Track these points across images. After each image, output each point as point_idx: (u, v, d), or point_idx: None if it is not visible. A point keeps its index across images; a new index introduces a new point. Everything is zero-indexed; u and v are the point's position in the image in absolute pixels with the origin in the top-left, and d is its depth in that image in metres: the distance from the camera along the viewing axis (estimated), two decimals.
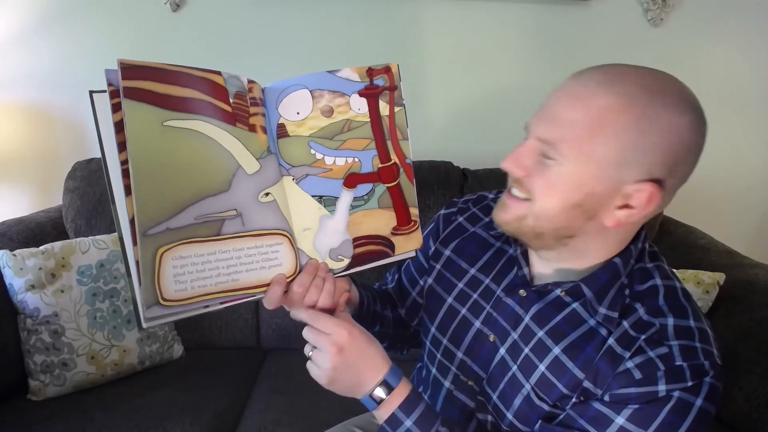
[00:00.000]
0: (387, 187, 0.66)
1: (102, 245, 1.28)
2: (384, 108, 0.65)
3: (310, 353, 0.63)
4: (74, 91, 1.64)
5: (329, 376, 0.61)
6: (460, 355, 0.74)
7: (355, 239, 0.65)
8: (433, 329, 0.78)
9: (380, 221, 0.66)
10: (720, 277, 1.23)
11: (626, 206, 0.59)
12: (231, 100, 0.57)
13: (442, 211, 0.84)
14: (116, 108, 0.50)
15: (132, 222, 0.50)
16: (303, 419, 1.14)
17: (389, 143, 0.66)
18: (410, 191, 0.67)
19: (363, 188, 0.65)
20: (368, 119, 0.64)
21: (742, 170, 1.79)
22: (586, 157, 0.57)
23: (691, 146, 0.57)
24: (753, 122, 1.75)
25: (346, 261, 0.65)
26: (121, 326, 1.25)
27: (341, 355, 0.61)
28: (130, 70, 0.50)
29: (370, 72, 0.64)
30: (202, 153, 0.55)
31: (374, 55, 1.67)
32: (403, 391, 0.64)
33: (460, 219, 0.81)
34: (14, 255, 1.17)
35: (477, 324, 0.73)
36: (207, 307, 0.56)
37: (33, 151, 1.69)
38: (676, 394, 0.56)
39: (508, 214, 0.64)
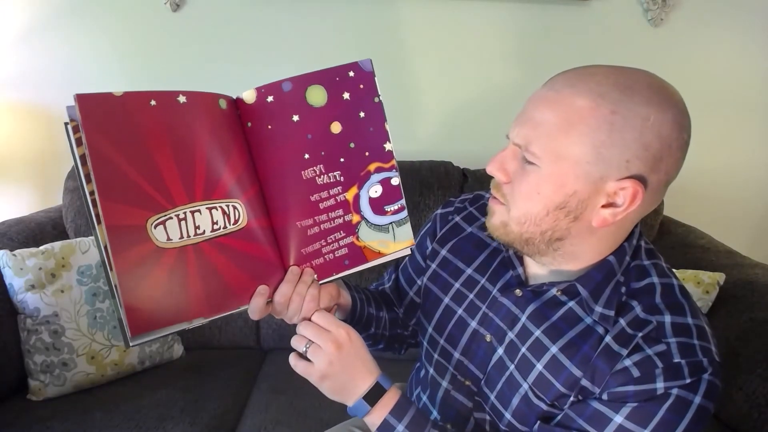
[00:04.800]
0: None
1: None
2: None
3: (306, 347, 0.64)
4: (74, 92, 1.62)
5: (324, 371, 0.62)
6: (457, 355, 0.73)
7: None
8: (430, 329, 0.78)
9: None
10: (720, 277, 1.23)
11: (611, 205, 0.59)
12: None
13: (439, 211, 0.84)
14: (79, 142, 0.51)
15: (106, 248, 0.51)
16: (303, 419, 1.14)
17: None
18: None
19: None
20: None
21: (742, 170, 1.78)
22: (560, 157, 0.57)
23: (671, 141, 0.56)
24: (753, 122, 1.74)
25: None
26: None
27: (339, 352, 0.62)
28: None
29: None
30: None
31: (375, 54, 1.66)
32: (393, 396, 0.65)
33: (457, 218, 0.81)
34: (14, 255, 1.17)
35: (473, 324, 0.72)
36: (191, 323, 0.56)
37: (33, 151, 1.69)
38: (675, 391, 0.56)
39: (494, 219, 0.66)
